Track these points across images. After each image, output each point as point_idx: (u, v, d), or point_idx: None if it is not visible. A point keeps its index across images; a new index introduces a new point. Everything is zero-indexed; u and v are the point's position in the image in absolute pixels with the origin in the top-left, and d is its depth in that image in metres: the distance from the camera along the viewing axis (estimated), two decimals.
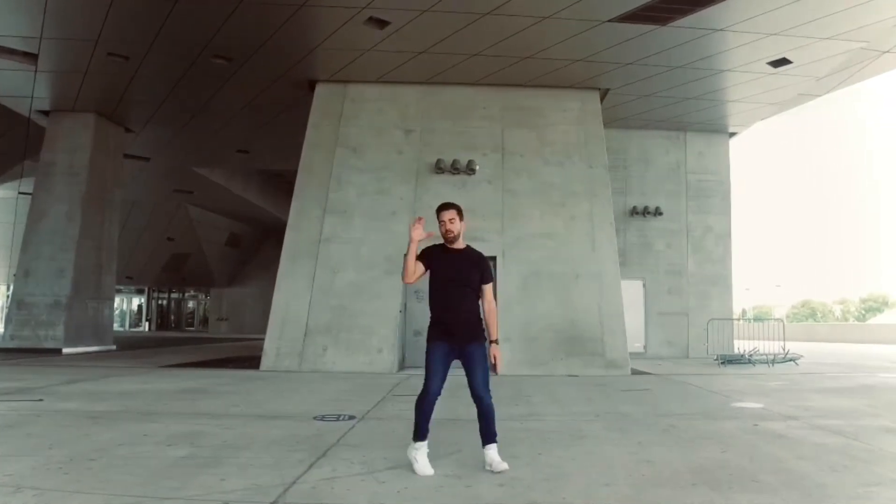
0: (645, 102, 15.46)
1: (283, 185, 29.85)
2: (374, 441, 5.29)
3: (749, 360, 14.02)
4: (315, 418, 6.19)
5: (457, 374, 4.55)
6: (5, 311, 16.49)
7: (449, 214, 4.60)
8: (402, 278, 4.65)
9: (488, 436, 4.47)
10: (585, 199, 13.02)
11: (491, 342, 4.64)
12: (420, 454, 4.37)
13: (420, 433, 4.42)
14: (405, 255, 4.53)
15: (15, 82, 15.19)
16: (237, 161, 22.81)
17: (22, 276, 16.44)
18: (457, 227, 4.59)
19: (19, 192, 23.95)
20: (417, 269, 4.57)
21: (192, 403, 7.08)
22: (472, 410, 4.55)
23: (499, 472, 4.25)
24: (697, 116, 16.41)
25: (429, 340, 4.55)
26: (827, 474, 4.24)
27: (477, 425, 4.57)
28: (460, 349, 4.50)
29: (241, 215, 31.18)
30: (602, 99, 14.24)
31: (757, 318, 21.23)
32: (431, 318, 4.59)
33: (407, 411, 6.64)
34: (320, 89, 13.79)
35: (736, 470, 4.35)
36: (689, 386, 9.61)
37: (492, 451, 4.41)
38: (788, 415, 6.77)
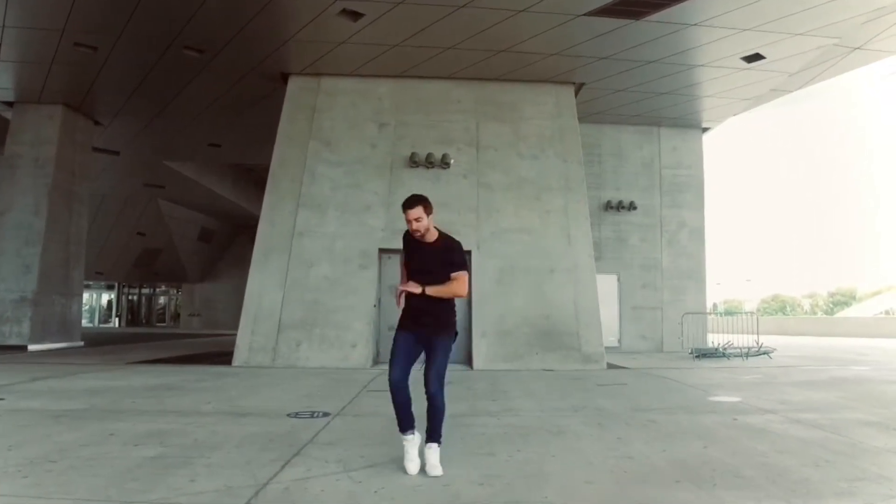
0: (619, 97, 15.44)
1: (255, 179, 29.47)
2: (349, 438, 5.14)
3: (723, 353, 14.11)
4: (289, 415, 6.02)
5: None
6: None
7: (414, 213, 4.24)
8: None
9: (432, 434, 4.24)
10: (560, 194, 12.97)
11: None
12: (409, 445, 4.24)
13: (401, 424, 4.28)
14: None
15: None
16: (209, 155, 22.38)
17: None
18: (423, 224, 4.26)
19: None
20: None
21: (162, 401, 6.85)
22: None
23: (433, 477, 4.04)
24: (671, 111, 16.45)
25: (396, 328, 4.38)
26: (810, 469, 4.20)
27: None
28: (427, 340, 4.29)
29: (214, 210, 30.69)
30: (577, 93, 14.19)
31: (729, 312, 21.30)
32: (403, 307, 4.39)
33: (382, 406, 6.50)
34: (293, 82, 13.54)
35: (719, 465, 4.29)
36: (666, 380, 9.60)
37: (432, 452, 4.20)
38: (766, 408, 6.76)
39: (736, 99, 15.66)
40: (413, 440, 4.24)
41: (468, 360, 12.24)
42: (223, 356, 13.07)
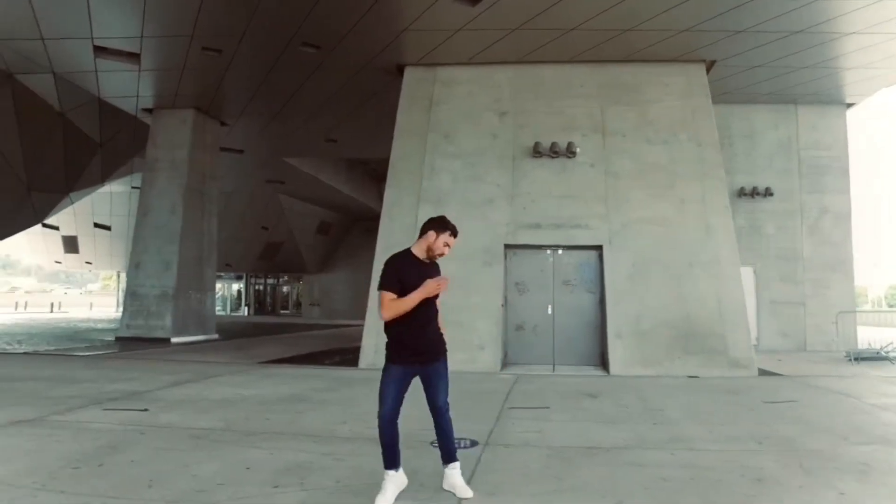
0: (752, 74, 13.71)
1: (368, 172, 29.42)
2: (510, 482, 4.27)
3: (886, 356, 12.22)
4: (432, 444, 5.25)
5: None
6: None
7: (455, 242, 4.08)
8: (382, 314, 3.89)
9: (449, 454, 3.95)
10: (696, 181, 11.56)
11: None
12: (390, 483, 3.82)
13: (390, 461, 3.85)
14: (398, 298, 3.85)
15: (122, 83, 15.33)
16: (326, 150, 22.30)
17: (134, 267, 16.57)
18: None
19: (132, 187, 24.51)
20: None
21: (295, 417, 6.28)
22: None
23: (464, 499, 3.73)
24: (811, 87, 14.49)
25: (387, 360, 3.94)
26: None
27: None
28: (422, 368, 3.95)
29: (330, 203, 30.89)
30: (708, 71, 12.65)
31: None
32: (391, 336, 3.93)
33: (531, 432, 5.63)
34: (409, 73, 12.84)
35: None
36: (838, 395, 8.11)
37: (455, 471, 3.93)
38: None
39: (887, 69, 13.54)
40: (396, 477, 3.84)
41: (602, 363, 11.16)
42: (347, 354, 12.69)
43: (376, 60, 13.16)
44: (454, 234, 4.05)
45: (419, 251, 4.05)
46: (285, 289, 39.29)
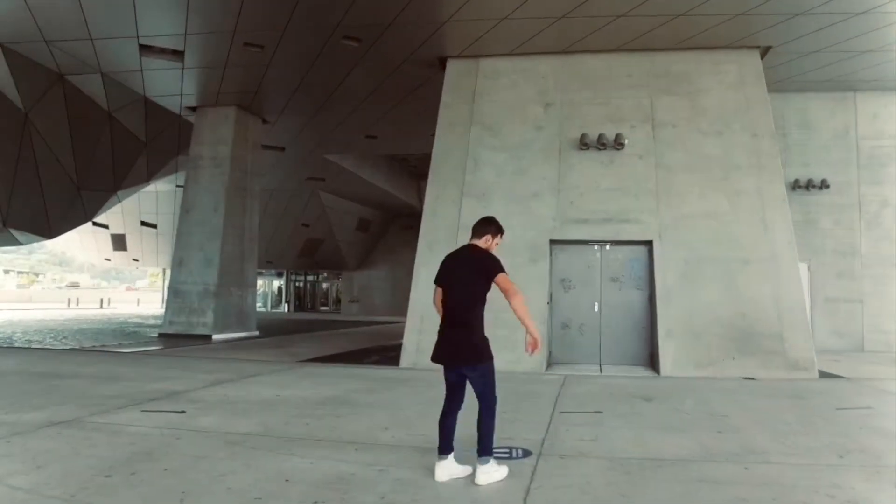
0: (809, 60, 12.89)
1: (408, 169, 29.14)
2: (571, 502, 3.83)
3: None
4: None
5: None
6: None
7: None
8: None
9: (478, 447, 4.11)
10: (751, 173, 10.87)
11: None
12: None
13: (441, 446, 4.19)
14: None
15: (166, 81, 15.29)
16: (365, 146, 22.04)
17: (177, 265, 16.55)
18: None
19: (177, 186, 24.71)
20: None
21: (335, 422, 5.93)
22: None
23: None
24: (871, 73, 13.55)
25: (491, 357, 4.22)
26: None
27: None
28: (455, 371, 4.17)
29: (369, 200, 30.73)
30: (762, 58, 11.92)
31: None
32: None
33: (588, 443, 5.17)
34: (451, 66, 12.42)
35: None
36: None
37: (480, 466, 4.08)
38: None
39: None
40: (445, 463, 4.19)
41: (652, 364, 10.60)
42: (388, 352, 12.36)
43: (418, 53, 12.80)
44: (503, 234, 4.44)
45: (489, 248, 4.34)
46: (325, 285, 39.34)
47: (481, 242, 4.29)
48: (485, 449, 4.04)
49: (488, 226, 4.32)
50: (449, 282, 4.24)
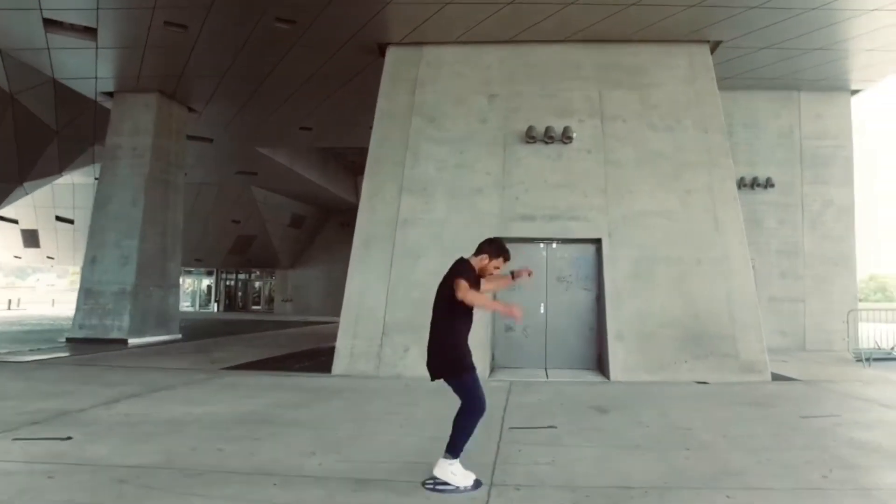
0: (758, 57, 12.78)
1: (344, 163, 28.22)
2: None
3: None
4: (425, 485, 4.15)
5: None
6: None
7: (505, 265, 4.36)
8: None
9: (446, 446, 4.11)
10: (703, 170, 10.57)
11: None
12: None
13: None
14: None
15: (78, 63, 13.91)
16: (300, 139, 20.99)
17: (89, 262, 15.15)
18: None
19: (95, 178, 22.99)
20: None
21: (253, 446, 5.10)
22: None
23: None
24: (815, 72, 13.60)
25: (472, 366, 4.38)
26: None
27: None
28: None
29: (304, 196, 29.61)
30: (712, 52, 11.68)
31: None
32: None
33: (545, 468, 4.55)
34: (391, 53, 11.68)
35: None
36: (876, 405, 7.16)
37: (443, 461, 4.07)
38: None
39: None
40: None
41: (600, 368, 10.14)
42: (320, 356, 11.50)
43: (356, 38, 11.99)
44: (507, 258, 4.30)
45: (475, 264, 4.28)
46: (257, 284, 37.85)
47: (475, 260, 4.28)
48: (451, 447, 4.07)
49: (487, 245, 4.32)
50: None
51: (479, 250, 4.32)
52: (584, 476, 4.36)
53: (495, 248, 4.26)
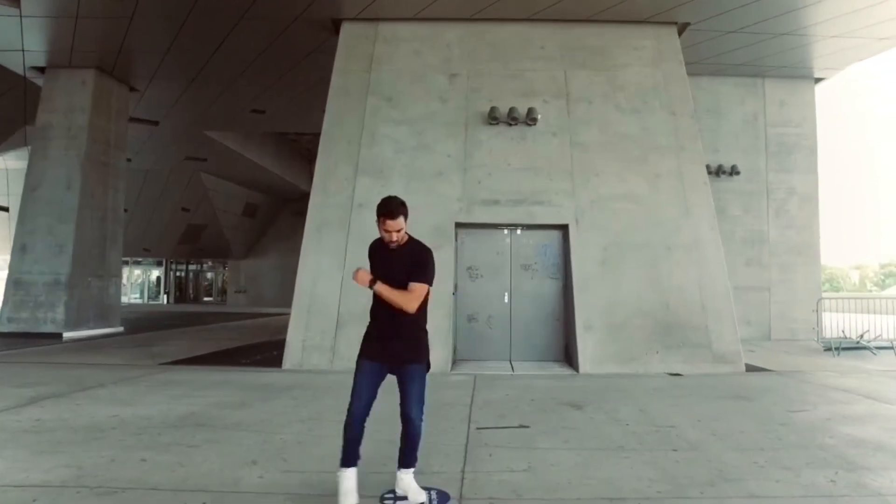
0: (724, 41, 12.50)
1: (299, 150, 27.21)
2: None
3: (867, 346, 11.23)
4: (385, 498, 3.54)
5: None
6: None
7: (396, 225, 3.53)
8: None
9: (409, 460, 3.54)
10: (671, 154, 10.17)
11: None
12: (346, 480, 3.40)
13: (347, 460, 3.43)
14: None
15: (1, 33, 12.64)
16: (252, 122, 19.97)
17: (18, 251, 13.95)
18: (402, 235, 3.62)
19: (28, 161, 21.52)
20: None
21: (185, 455, 4.41)
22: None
23: None
24: (780, 59, 13.40)
25: (359, 354, 3.64)
26: None
27: None
28: (392, 367, 3.58)
29: (257, 184, 28.50)
30: (679, 35, 11.30)
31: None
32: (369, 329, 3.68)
33: (521, 475, 3.99)
34: (346, 29, 10.96)
35: None
36: (858, 396, 6.84)
37: (409, 476, 3.53)
38: None
39: (864, 39, 12.51)
40: (351, 474, 3.42)
41: (567, 359, 9.67)
42: (272, 349, 10.76)
43: (309, 13, 11.23)
44: (384, 217, 3.52)
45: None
46: (209, 275, 36.52)
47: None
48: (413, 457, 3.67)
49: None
50: None
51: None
52: (566, 486, 3.81)
53: (378, 207, 3.57)
